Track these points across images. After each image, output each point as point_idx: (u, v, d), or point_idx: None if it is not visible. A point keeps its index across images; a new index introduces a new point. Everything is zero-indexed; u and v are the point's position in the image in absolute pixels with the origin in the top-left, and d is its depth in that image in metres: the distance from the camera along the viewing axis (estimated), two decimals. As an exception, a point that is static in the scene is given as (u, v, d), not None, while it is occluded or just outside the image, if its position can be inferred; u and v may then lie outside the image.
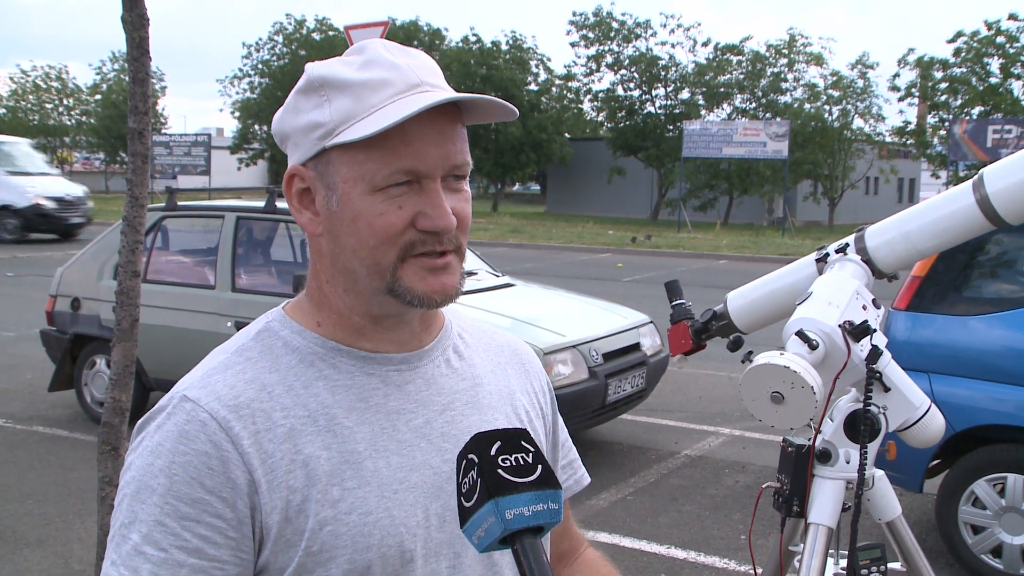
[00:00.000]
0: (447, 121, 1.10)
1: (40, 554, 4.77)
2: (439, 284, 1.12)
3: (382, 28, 8.74)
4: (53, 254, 18.74)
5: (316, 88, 1.11)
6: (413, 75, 1.10)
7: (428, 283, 1.11)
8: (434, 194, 1.09)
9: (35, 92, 51.61)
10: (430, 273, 1.11)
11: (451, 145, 1.10)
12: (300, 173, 1.14)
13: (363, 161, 1.08)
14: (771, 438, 6.72)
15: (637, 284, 16.13)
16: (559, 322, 6.21)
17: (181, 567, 1.02)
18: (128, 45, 3.45)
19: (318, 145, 1.10)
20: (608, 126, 48.65)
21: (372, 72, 1.09)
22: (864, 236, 2.14)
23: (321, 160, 1.11)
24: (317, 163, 1.12)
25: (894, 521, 2.09)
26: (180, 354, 6.73)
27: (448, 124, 1.10)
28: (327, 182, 1.11)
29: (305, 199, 1.15)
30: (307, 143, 1.11)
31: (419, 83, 1.10)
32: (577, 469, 1.42)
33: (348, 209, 1.10)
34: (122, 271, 3.55)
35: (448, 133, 1.10)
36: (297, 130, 1.12)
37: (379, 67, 1.09)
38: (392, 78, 1.09)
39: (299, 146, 1.13)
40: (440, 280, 1.12)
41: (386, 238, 1.09)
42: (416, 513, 1.12)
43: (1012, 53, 34.66)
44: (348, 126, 1.08)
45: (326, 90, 1.10)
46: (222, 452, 1.05)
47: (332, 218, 1.12)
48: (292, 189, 1.15)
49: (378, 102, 1.08)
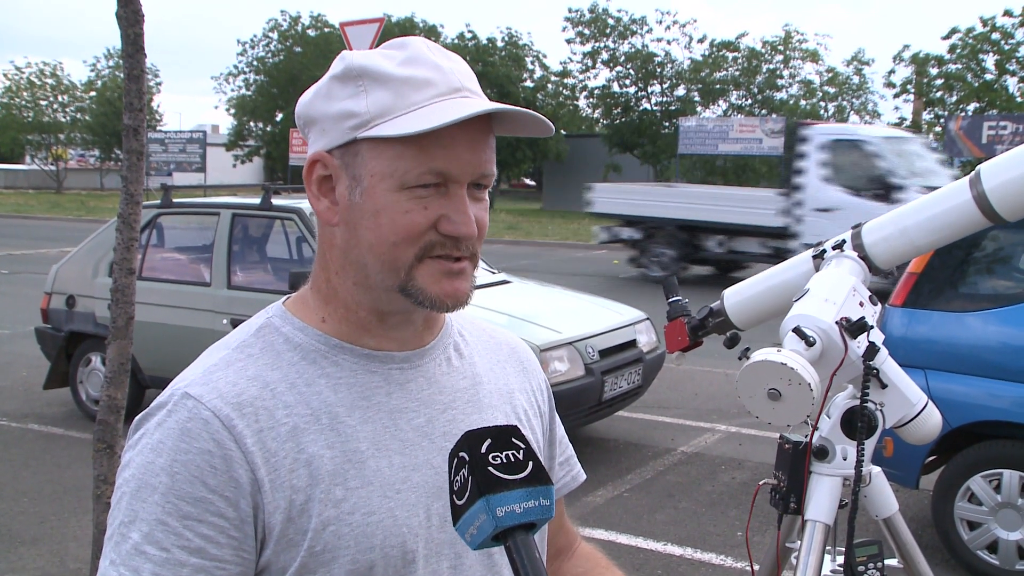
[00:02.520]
0: (481, 130, 1.10)
1: (35, 552, 4.76)
2: (452, 288, 1.11)
3: (377, 25, 8.71)
4: (48, 251, 18.70)
5: (354, 77, 1.09)
6: (455, 79, 1.09)
7: (442, 286, 1.11)
8: (460, 200, 1.09)
9: (30, 89, 51.39)
10: (445, 276, 1.11)
11: (482, 154, 1.10)
12: (324, 160, 1.12)
13: (395, 158, 1.07)
14: (767, 435, 6.72)
15: (633, 281, 16.13)
16: (555, 319, 6.21)
17: (183, 567, 1.01)
18: (123, 41, 3.44)
19: (349, 135, 1.09)
20: (604, 123, 48.60)
21: (415, 70, 1.08)
22: (861, 232, 2.14)
23: (349, 150, 1.10)
24: (344, 152, 1.10)
25: (891, 517, 2.09)
26: (176, 352, 6.71)
27: (482, 133, 1.10)
28: (353, 173, 1.10)
29: (325, 187, 1.13)
30: (337, 131, 1.10)
31: (460, 87, 1.09)
32: (573, 467, 1.42)
33: (371, 203, 1.09)
34: (117, 268, 3.54)
35: (481, 141, 1.10)
36: (328, 116, 1.11)
37: (422, 66, 1.09)
38: (435, 79, 1.08)
39: (327, 132, 1.11)
40: (454, 284, 1.11)
41: (408, 236, 1.08)
42: (418, 513, 1.11)
43: (1007, 49, 34.67)
44: (385, 120, 1.07)
45: (364, 80, 1.09)
46: (225, 451, 1.04)
47: (352, 209, 1.10)
48: (313, 175, 1.13)
49: (419, 101, 1.07)
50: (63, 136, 51.96)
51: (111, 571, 1.02)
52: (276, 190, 7.16)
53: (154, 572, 1.01)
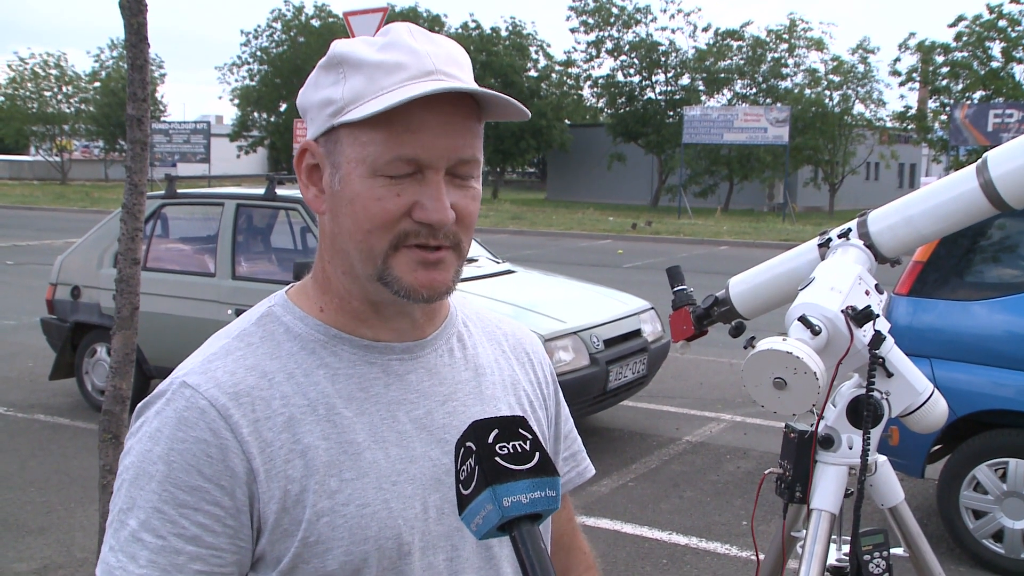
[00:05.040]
0: (457, 113, 1.08)
1: (42, 541, 4.78)
2: (427, 279, 1.09)
3: (381, 15, 8.69)
4: (53, 242, 18.73)
5: (335, 65, 1.10)
6: (429, 62, 1.07)
7: (417, 276, 1.09)
8: (434, 186, 1.07)
9: (33, 80, 51.46)
10: (420, 266, 1.09)
11: (458, 138, 1.08)
12: (311, 149, 1.13)
13: (366, 143, 1.07)
14: (772, 424, 6.72)
15: (638, 270, 16.12)
16: (560, 309, 6.21)
17: (179, 554, 1.02)
18: (126, 31, 3.43)
19: (328, 122, 1.09)
20: (608, 112, 48.58)
21: (389, 54, 1.07)
22: (867, 221, 2.13)
23: (331, 138, 1.10)
24: (327, 140, 1.11)
25: (897, 506, 2.09)
26: (180, 342, 6.72)
27: (459, 117, 1.08)
28: (333, 160, 1.10)
29: (314, 175, 1.14)
30: (320, 119, 1.11)
31: (433, 71, 1.07)
32: (581, 461, 1.40)
33: (348, 190, 1.08)
34: (122, 259, 3.54)
35: (456, 125, 1.08)
36: (313, 105, 1.12)
37: (397, 50, 1.08)
38: (407, 62, 1.07)
39: (314, 121, 1.12)
40: (430, 275, 1.09)
41: (381, 223, 1.07)
42: (415, 505, 1.11)
43: (1014, 37, 34.53)
44: (356, 105, 1.07)
45: (344, 67, 1.09)
46: (221, 440, 1.04)
47: (334, 197, 1.11)
48: (303, 164, 1.14)
49: (388, 85, 1.06)
50: (67, 127, 52.04)
51: (110, 556, 1.03)
52: (280, 180, 7.16)
53: (150, 559, 1.01)
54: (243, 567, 1.07)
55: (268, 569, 1.07)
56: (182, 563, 1.02)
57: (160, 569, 1.01)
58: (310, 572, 1.06)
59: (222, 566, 1.04)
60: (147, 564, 1.01)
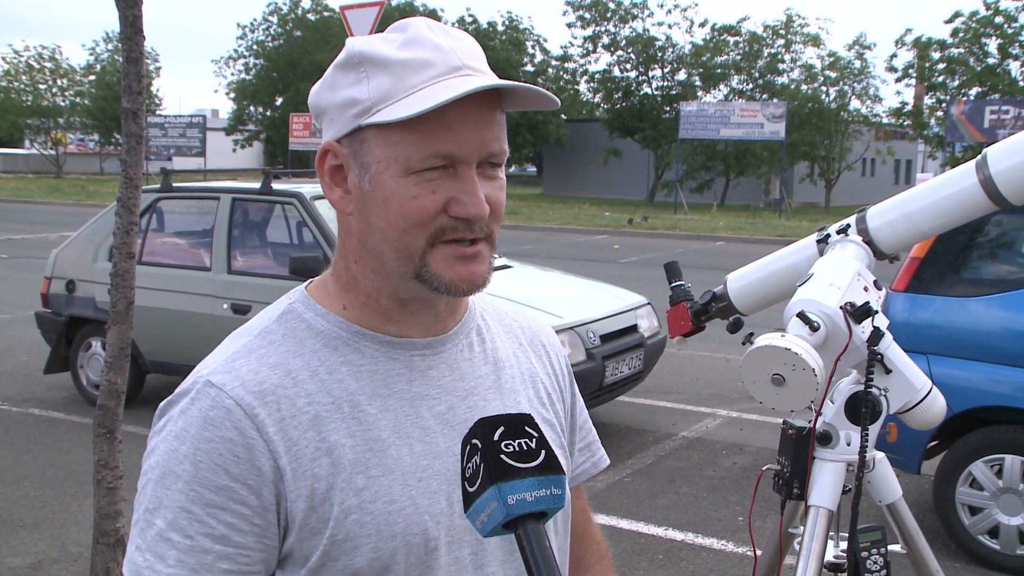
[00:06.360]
0: (486, 107, 1.08)
1: (36, 536, 4.77)
2: (467, 272, 1.09)
3: (378, 9, 8.66)
4: (48, 236, 18.69)
5: (355, 64, 1.08)
6: (455, 57, 1.07)
7: (456, 271, 1.09)
8: (468, 180, 1.07)
9: (28, 73, 51.23)
10: (459, 261, 1.09)
11: (488, 131, 1.08)
12: (334, 149, 1.12)
13: (398, 142, 1.06)
14: (769, 420, 6.73)
15: (634, 266, 16.13)
16: (556, 304, 6.20)
17: (207, 554, 1.02)
18: (121, 24, 3.41)
19: (354, 122, 1.08)
20: (604, 107, 48.52)
21: (413, 52, 1.06)
22: (865, 217, 2.13)
23: (356, 138, 1.09)
24: (352, 140, 1.09)
25: (895, 503, 2.09)
26: (176, 336, 6.72)
27: (487, 110, 1.08)
28: (361, 161, 1.09)
29: (337, 176, 1.13)
30: (343, 119, 1.09)
31: (461, 66, 1.07)
32: (596, 451, 1.41)
33: (380, 190, 1.08)
34: (117, 253, 3.52)
35: (487, 119, 1.08)
36: (334, 105, 1.10)
37: (421, 47, 1.07)
38: (434, 59, 1.06)
39: (335, 122, 1.11)
40: (468, 268, 1.09)
41: (417, 222, 1.07)
42: (440, 501, 1.11)
43: (1010, 33, 34.56)
44: (386, 105, 1.06)
45: (365, 67, 1.08)
46: (247, 439, 1.04)
47: (363, 198, 1.10)
48: (325, 165, 1.13)
49: (418, 83, 1.05)
50: (62, 120, 51.84)
51: (137, 556, 1.03)
52: (276, 174, 7.14)
53: (178, 559, 1.02)
54: (269, 566, 1.07)
55: (296, 567, 1.07)
56: (210, 562, 1.02)
57: (189, 569, 1.01)
58: (339, 569, 1.06)
59: (249, 565, 1.04)
60: (175, 564, 1.02)
